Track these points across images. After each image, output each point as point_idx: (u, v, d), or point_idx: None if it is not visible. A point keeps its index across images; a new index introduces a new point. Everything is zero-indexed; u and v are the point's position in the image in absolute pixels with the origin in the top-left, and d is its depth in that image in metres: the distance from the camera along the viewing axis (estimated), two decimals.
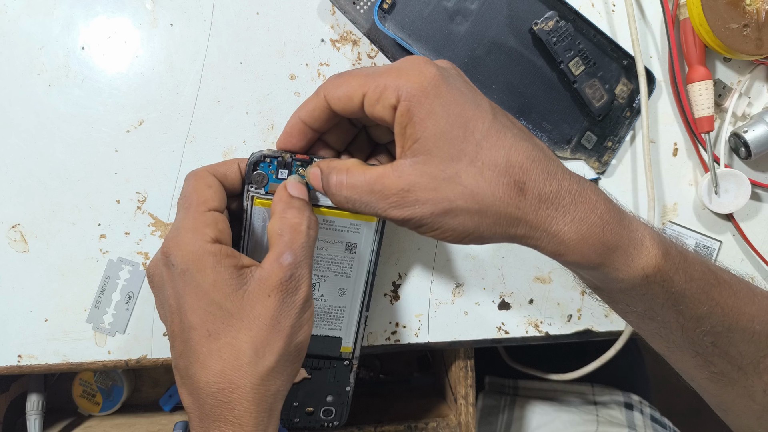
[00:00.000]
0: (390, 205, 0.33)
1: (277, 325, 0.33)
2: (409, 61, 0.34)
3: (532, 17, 0.45)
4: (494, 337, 0.49)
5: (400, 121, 0.33)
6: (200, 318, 0.33)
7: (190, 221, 0.34)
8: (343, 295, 0.43)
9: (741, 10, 0.45)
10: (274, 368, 0.33)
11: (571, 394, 0.69)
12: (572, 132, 0.48)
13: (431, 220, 0.33)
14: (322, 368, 0.44)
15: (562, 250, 0.33)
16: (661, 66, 0.49)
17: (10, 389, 0.56)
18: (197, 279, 0.33)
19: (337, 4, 0.45)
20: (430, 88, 0.32)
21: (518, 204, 0.32)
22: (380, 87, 0.33)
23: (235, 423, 0.32)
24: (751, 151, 0.48)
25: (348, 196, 0.35)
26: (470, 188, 0.32)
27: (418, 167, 0.33)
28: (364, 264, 0.42)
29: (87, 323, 0.45)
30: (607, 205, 0.34)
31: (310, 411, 0.45)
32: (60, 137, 0.44)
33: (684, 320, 0.36)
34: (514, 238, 0.34)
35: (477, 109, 0.33)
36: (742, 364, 0.37)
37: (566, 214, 0.33)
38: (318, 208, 0.39)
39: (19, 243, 0.45)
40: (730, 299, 0.36)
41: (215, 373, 0.33)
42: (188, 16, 0.45)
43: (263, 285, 0.33)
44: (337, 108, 0.35)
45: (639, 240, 0.34)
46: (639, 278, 0.34)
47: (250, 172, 0.38)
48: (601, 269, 0.34)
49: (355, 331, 0.44)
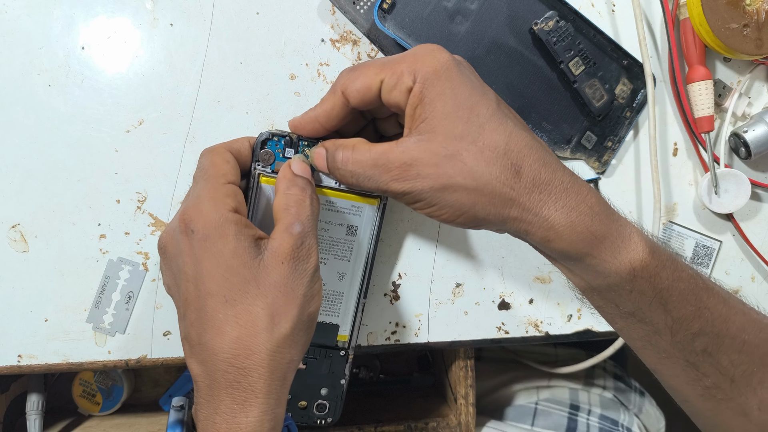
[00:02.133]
0: (392, 178, 0.35)
1: (292, 292, 0.34)
2: (424, 47, 0.36)
3: (532, 17, 0.45)
4: (494, 337, 0.49)
5: (412, 102, 0.35)
6: (218, 284, 0.33)
7: (209, 191, 0.35)
8: (342, 279, 0.43)
9: (741, 10, 0.45)
10: (289, 335, 0.34)
11: (534, 354, 0.69)
12: (572, 132, 0.48)
13: (430, 195, 0.34)
14: (318, 357, 0.44)
15: (551, 236, 0.34)
16: (661, 66, 0.49)
17: (10, 389, 0.56)
18: (218, 246, 0.34)
19: (337, 4, 0.45)
20: (443, 71, 0.34)
21: (513, 185, 0.34)
22: (397, 72, 0.35)
23: (248, 389, 0.33)
24: (751, 151, 0.48)
25: (353, 170, 0.36)
26: (470, 166, 0.34)
27: (422, 144, 0.34)
28: (363, 248, 0.43)
29: (87, 323, 0.45)
30: (598, 199, 0.35)
31: (303, 406, 0.44)
32: (60, 137, 0.44)
33: (672, 321, 0.36)
34: (506, 220, 0.35)
35: (483, 97, 0.35)
36: (734, 376, 0.37)
37: (557, 200, 0.34)
38: (320, 189, 0.40)
39: (19, 243, 0.45)
40: (720, 305, 0.37)
41: (231, 339, 0.33)
42: (188, 16, 0.45)
43: (276, 253, 0.34)
44: (355, 101, 0.36)
45: (627, 235, 0.35)
46: (626, 272, 0.35)
47: (258, 150, 0.39)
48: (588, 260, 0.35)
49: (352, 319, 0.44)
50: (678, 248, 0.50)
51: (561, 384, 0.66)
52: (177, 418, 0.48)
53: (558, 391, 0.65)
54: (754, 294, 0.52)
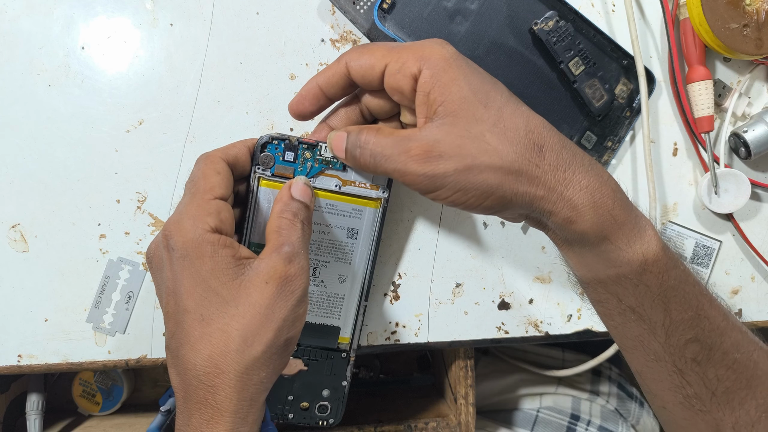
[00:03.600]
0: (411, 159, 0.34)
1: (270, 315, 0.33)
2: (430, 39, 0.36)
3: (532, 17, 0.45)
4: (494, 337, 0.49)
5: (424, 88, 0.35)
6: (195, 302, 0.34)
7: (193, 208, 0.35)
8: (343, 282, 0.43)
9: (741, 10, 0.45)
10: (259, 358, 0.33)
11: (541, 356, 0.69)
12: (572, 132, 0.48)
13: (454, 178, 0.34)
14: (320, 360, 0.44)
15: (574, 217, 0.34)
16: (661, 66, 0.49)
17: (10, 389, 0.56)
18: (195, 265, 0.34)
19: (337, 4, 0.45)
20: (452, 60, 0.35)
21: (538, 163, 0.34)
22: (402, 58, 0.35)
23: (215, 407, 0.33)
24: (751, 151, 0.48)
25: (373, 150, 0.36)
26: (494, 145, 0.34)
27: (444, 127, 0.34)
28: (364, 251, 0.43)
29: (87, 323, 0.45)
30: (617, 185, 0.36)
31: (305, 407, 0.45)
32: (60, 137, 0.44)
33: (670, 322, 0.36)
34: (533, 200, 0.35)
35: (495, 84, 0.36)
36: (716, 391, 0.37)
37: (581, 180, 0.34)
38: (322, 192, 0.40)
39: (19, 243, 0.45)
40: (719, 318, 0.37)
41: (203, 357, 0.33)
42: (188, 16, 0.45)
43: (261, 274, 0.34)
44: (356, 76, 0.37)
45: (643, 226, 0.36)
46: (638, 263, 0.35)
47: (258, 153, 0.39)
48: (604, 245, 0.35)
49: (354, 322, 0.44)
50: (678, 248, 0.50)
51: (566, 392, 0.66)
52: (158, 423, 0.48)
53: (561, 399, 0.65)
54: (754, 294, 0.52)
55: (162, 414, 0.48)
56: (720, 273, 0.51)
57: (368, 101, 0.39)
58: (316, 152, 0.40)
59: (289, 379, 0.44)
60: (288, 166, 0.40)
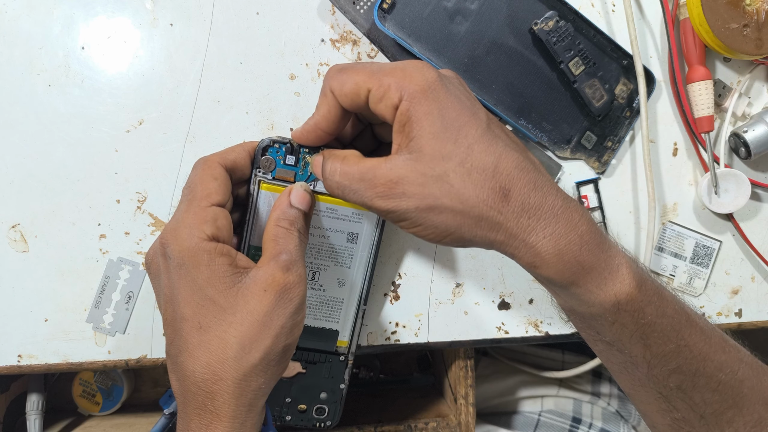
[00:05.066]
0: (376, 195, 0.34)
1: (269, 322, 0.34)
2: (413, 63, 0.35)
3: (532, 17, 0.45)
4: (494, 337, 0.49)
5: (400, 120, 0.34)
6: (193, 311, 0.34)
7: (190, 216, 0.35)
8: (342, 286, 0.43)
9: (741, 10, 0.45)
10: (257, 365, 0.34)
11: (540, 358, 0.69)
12: (572, 132, 0.48)
13: (415, 215, 0.34)
14: (318, 362, 0.44)
15: (538, 263, 0.34)
16: (661, 66, 0.49)
17: (10, 389, 0.56)
18: (192, 274, 0.34)
19: (337, 4, 0.45)
20: (430, 92, 0.34)
21: (500, 209, 0.33)
22: (384, 86, 0.34)
23: (214, 413, 0.33)
24: (751, 151, 0.48)
25: (339, 182, 0.36)
26: (456, 188, 0.33)
27: (410, 163, 0.34)
28: (364, 255, 0.43)
29: (87, 323, 0.45)
30: (590, 227, 0.34)
31: (303, 409, 0.45)
32: (60, 137, 0.44)
33: (650, 356, 0.36)
34: (493, 243, 0.35)
35: (472, 117, 0.34)
36: (704, 413, 0.37)
37: (546, 227, 0.33)
38: (322, 196, 0.40)
39: (19, 243, 0.45)
40: (701, 343, 0.37)
41: (201, 364, 0.33)
42: (188, 16, 0.45)
43: (260, 282, 0.34)
44: (345, 104, 0.36)
45: (615, 267, 0.35)
46: (610, 304, 0.35)
47: (259, 156, 0.39)
48: (573, 289, 0.35)
49: (352, 325, 0.44)
50: (678, 248, 0.50)
51: (567, 395, 0.66)
52: (161, 426, 0.48)
53: (562, 402, 0.65)
54: (755, 294, 0.52)
55: (165, 417, 0.48)
56: (720, 273, 0.51)
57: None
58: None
59: (287, 381, 0.44)
60: (289, 169, 0.39)
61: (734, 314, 0.51)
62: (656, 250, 0.50)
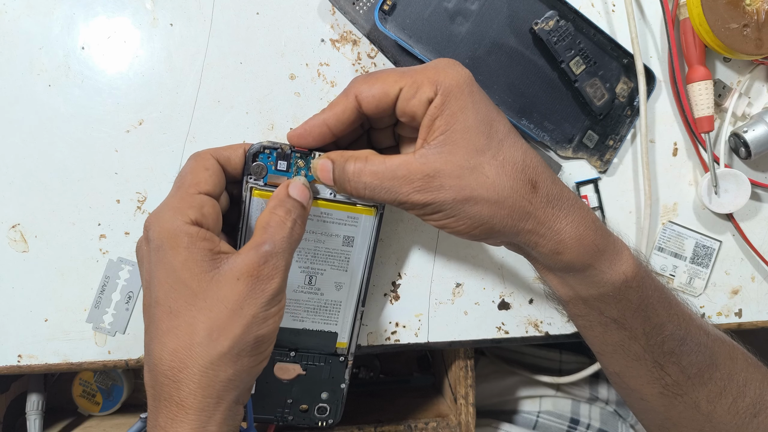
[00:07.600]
0: (414, 189, 0.35)
1: (239, 311, 0.33)
2: (444, 61, 0.36)
3: (532, 17, 0.45)
4: (494, 337, 0.49)
5: (432, 113, 0.35)
6: (165, 294, 0.33)
7: (176, 200, 0.35)
8: (340, 289, 0.43)
9: (741, 10, 0.45)
10: (225, 354, 0.32)
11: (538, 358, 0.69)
12: (574, 131, 0.48)
13: (452, 206, 0.35)
14: (317, 364, 0.44)
15: (561, 248, 0.37)
16: (661, 66, 0.49)
17: (10, 389, 0.56)
18: (168, 256, 0.33)
19: (337, 5, 0.45)
20: (465, 86, 0.35)
21: (531, 199, 0.36)
22: (418, 82, 0.35)
23: (179, 404, 0.32)
24: (751, 151, 0.48)
25: (368, 182, 0.36)
26: (492, 179, 0.35)
27: (444, 156, 0.35)
28: (361, 258, 0.43)
29: (87, 323, 0.45)
30: (595, 216, 0.38)
31: (305, 409, 0.45)
32: (60, 137, 0.44)
33: (649, 327, 0.39)
34: (520, 233, 0.36)
35: (499, 114, 0.37)
36: (690, 374, 0.41)
37: (567, 215, 0.37)
38: (316, 201, 0.40)
39: (19, 243, 0.45)
40: (684, 309, 0.41)
41: (169, 351, 0.32)
42: (188, 16, 0.45)
43: (235, 269, 0.33)
44: (369, 107, 0.36)
45: (620, 248, 0.38)
46: (620, 282, 0.38)
47: (250, 163, 0.39)
48: (589, 271, 0.38)
49: (351, 327, 0.44)
50: (678, 248, 0.50)
51: (565, 395, 0.66)
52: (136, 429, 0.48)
53: (560, 403, 0.65)
54: (755, 294, 0.52)
55: (141, 420, 0.48)
56: (720, 273, 0.51)
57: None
58: (309, 160, 0.39)
59: (287, 383, 0.44)
60: (281, 175, 0.39)
61: (734, 314, 0.52)
62: (656, 250, 0.51)
